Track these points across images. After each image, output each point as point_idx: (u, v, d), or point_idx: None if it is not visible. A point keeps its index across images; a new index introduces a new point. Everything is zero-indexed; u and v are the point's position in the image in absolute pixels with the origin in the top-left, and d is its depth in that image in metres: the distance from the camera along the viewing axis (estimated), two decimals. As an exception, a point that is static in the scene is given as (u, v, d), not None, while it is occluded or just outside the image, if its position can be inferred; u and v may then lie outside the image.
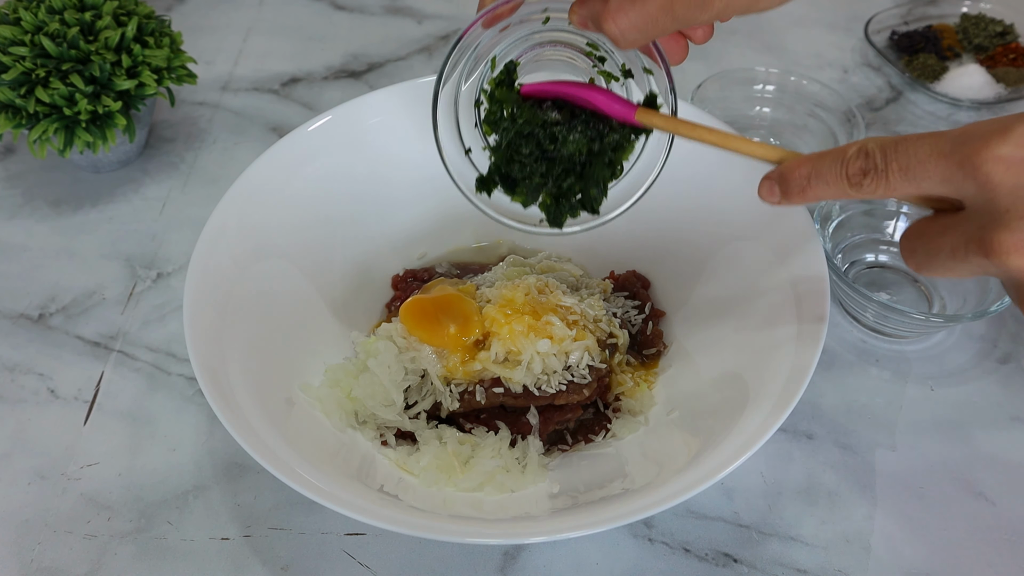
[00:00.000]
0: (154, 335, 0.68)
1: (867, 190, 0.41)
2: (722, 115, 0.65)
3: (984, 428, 0.61)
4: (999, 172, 0.37)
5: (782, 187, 0.44)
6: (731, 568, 0.54)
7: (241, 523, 0.56)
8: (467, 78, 0.52)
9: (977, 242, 0.38)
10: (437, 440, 0.56)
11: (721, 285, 0.62)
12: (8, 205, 0.78)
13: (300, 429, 0.54)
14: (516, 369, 0.55)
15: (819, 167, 0.43)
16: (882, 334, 0.66)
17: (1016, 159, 0.37)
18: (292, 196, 0.63)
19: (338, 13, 1.02)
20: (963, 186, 0.39)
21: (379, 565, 0.54)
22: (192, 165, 0.82)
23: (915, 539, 0.55)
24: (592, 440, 0.58)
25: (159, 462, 0.60)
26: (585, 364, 0.56)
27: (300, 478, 0.46)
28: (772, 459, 0.59)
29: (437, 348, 0.57)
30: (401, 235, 0.69)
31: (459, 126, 0.53)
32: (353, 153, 0.66)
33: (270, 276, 0.60)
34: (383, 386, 0.56)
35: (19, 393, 0.64)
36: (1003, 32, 0.94)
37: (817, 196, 0.43)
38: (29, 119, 0.70)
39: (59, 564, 0.55)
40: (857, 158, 0.41)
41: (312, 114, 0.87)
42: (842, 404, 0.63)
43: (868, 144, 0.41)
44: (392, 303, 0.66)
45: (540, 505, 0.52)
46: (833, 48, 0.96)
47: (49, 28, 0.69)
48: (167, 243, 0.75)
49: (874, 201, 0.69)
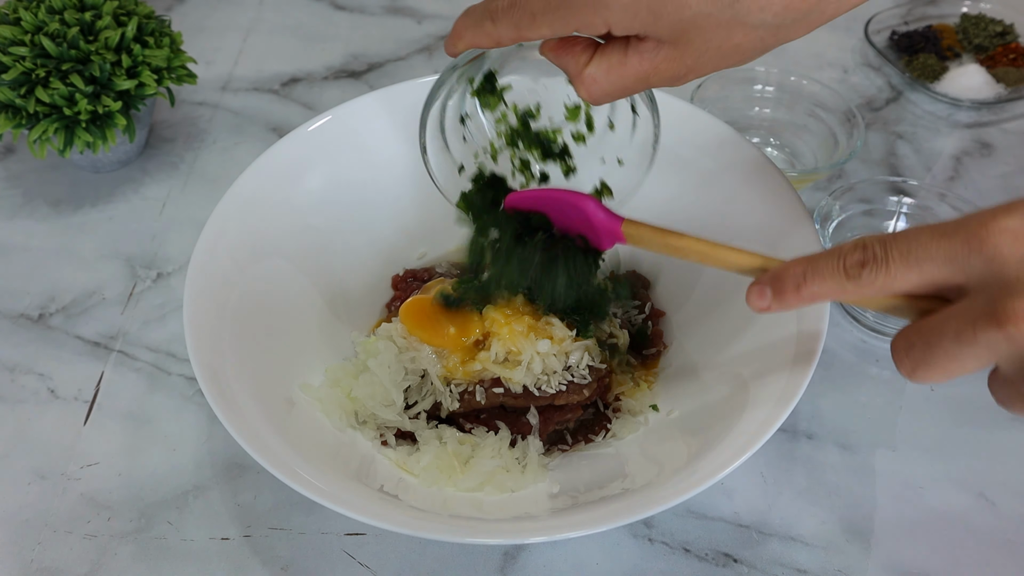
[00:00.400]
0: (154, 335, 0.68)
1: (866, 281, 0.40)
2: (722, 115, 0.65)
3: (984, 428, 0.61)
4: (1007, 243, 0.36)
5: (775, 288, 0.43)
6: (731, 568, 0.54)
7: (241, 523, 0.56)
8: (449, 98, 0.54)
9: (987, 316, 0.36)
10: (437, 440, 0.56)
11: (721, 285, 0.62)
12: (8, 205, 0.78)
13: (300, 429, 0.54)
14: (516, 369, 0.55)
15: (815, 264, 0.41)
16: (882, 334, 0.66)
17: (1023, 231, 0.36)
18: (292, 196, 0.63)
19: (338, 13, 1.02)
20: (969, 262, 0.37)
21: (379, 565, 0.54)
22: (192, 165, 0.82)
23: (915, 539, 0.55)
24: (592, 440, 0.58)
25: (159, 462, 0.60)
26: (585, 364, 0.56)
27: (300, 478, 0.46)
28: (772, 459, 0.59)
29: (437, 348, 0.57)
30: (401, 235, 0.69)
31: (447, 145, 0.55)
32: (353, 153, 0.66)
33: (270, 276, 0.60)
34: (383, 386, 0.56)
35: (19, 393, 0.64)
36: (1003, 32, 0.94)
37: (812, 295, 0.42)
38: (29, 119, 0.70)
39: (59, 564, 0.55)
40: (855, 251, 0.40)
41: (312, 114, 0.87)
42: (842, 404, 0.63)
43: (866, 238, 0.40)
44: (392, 303, 0.66)
45: (540, 505, 0.52)
46: (833, 48, 0.96)
47: (49, 28, 0.69)
48: (167, 243, 0.75)
49: (874, 201, 0.69)
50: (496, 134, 0.56)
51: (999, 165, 0.81)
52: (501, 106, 0.54)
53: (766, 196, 0.60)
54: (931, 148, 0.83)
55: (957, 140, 0.84)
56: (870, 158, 0.82)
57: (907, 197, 0.69)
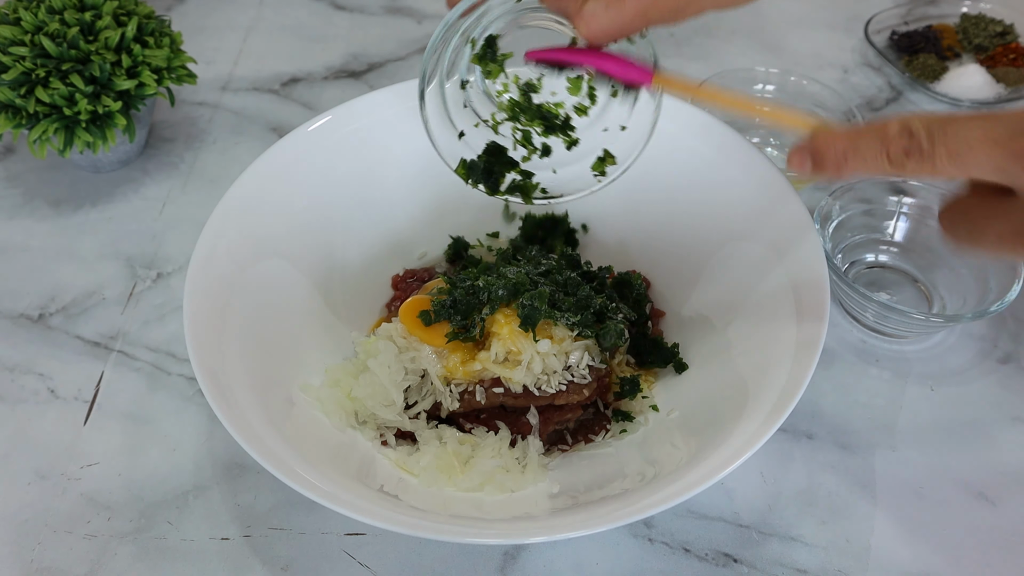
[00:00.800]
0: (154, 335, 0.68)
1: (910, 170, 0.39)
2: (722, 115, 0.65)
3: (984, 428, 0.61)
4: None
5: (816, 160, 0.42)
6: (731, 568, 0.54)
7: (241, 523, 0.56)
8: (452, 64, 0.53)
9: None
10: (437, 440, 0.56)
11: (721, 285, 0.62)
12: (8, 205, 0.78)
13: (300, 429, 0.54)
14: (516, 369, 0.55)
15: (857, 144, 0.41)
16: (882, 334, 0.66)
17: None
18: (292, 196, 0.63)
19: (338, 13, 1.02)
20: (1019, 177, 0.37)
21: (379, 565, 0.54)
22: (192, 165, 0.82)
23: (915, 539, 0.55)
24: (592, 440, 0.58)
25: (159, 462, 0.60)
26: (585, 364, 0.56)
27: (300, 478, 0.46)
28: (772, 459, 0.59)
29: (437, 348, 0.57)
30: (401, 235, 0.69)
31: (448, 112, 0.55)
32: (353, 153, 0.66)
33: (270, 276, 0.60)
34: (383, 386, 0.56)
35: (19, 393, 0.64)
36: (1003, 32, 0.94)
37: (853, 172, 0.41)
38: (29, 119, 0.70)
39: (59, 564, 0.55)
40: (900, 137, 0.39)
41: (312, 114, 0.87)
42: (842, 404, 0.63)
43: (912, 123, 0.39)
44: (392, 303, 0.66)
45: (540, 505, 0.52)
46: (833, 48, 0.96)
47: (49, 28, 0.69)
48: (167, 243, 0.75)
49: (874, 201, 0.69)
50: (498, 106, 0.56)
51: (999, 165, 0.81)
52: (503, 76, 0.54)
53: (766, 196, 0.60)
54: (931, 148, 0.83)
55: (957, 140, 0.84)
56: (870, 158, 0.82)
57: (907, 197, 0.69)
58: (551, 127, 0.55)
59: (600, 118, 0.55)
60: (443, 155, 0.56)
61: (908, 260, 0.70)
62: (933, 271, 0.69)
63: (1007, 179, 0.37)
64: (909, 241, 0.70)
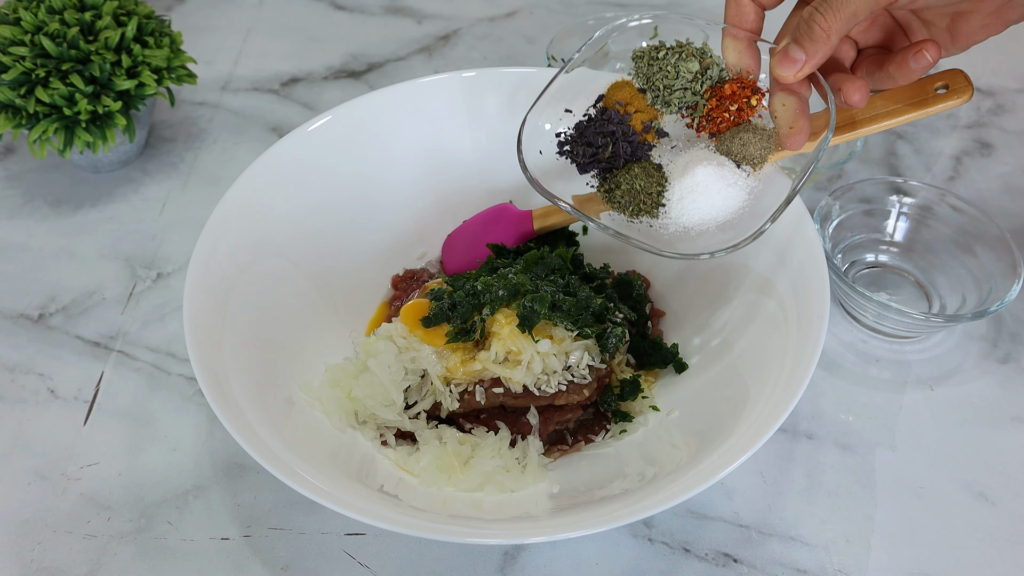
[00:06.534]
0: (154, 335, 0.68)
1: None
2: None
3: (984, 428, 0.61)
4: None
5: (807, 39, 0.47)
6: (731, 568, 0.54)
7: (241, 523, 0.56)
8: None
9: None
10: (437, 440, 0.56)
11: (721, 285, 0.62)
12: (8, 205, 0.78)
13: (300, 429, 0.54)
14: (516, 369, 0.55)
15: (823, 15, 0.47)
16: (882, 334, 0.66)
17: None
18: (292, 196, 0.63)
19: (338, 13, 1.02)
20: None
21: (379, 565, 0.54)
22: (192, 165, 0.82)
23: (915, 539, 0.55)
24: (592, 440, 0.58)
25: (159, 462, 0.60)
26: (585, 364, 0.56)
27: (300, 478, 0.46)
28: (772, 459, 0.59)
29: (437, 348, 0.57)
30: (401, 235, 0.69)
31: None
32: (353, 153, 0.66)
33: (270, 276, 0.60)
34: (383, 386, 0.56)
35: (19, 393, 0.64)
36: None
37: (843, 27, 0.47)
38: (29, 119, 0.70)
39: (59, 564, 0.55)
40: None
41: (312, 114, 0.87)
42: (842, 404, 0.63)
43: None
44: (392, 303, 0.66)
45: (540, 505, 0.52)
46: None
47: (49, 28, 0.69)
48: (167, 243, 0.75)
49: (874, 201, 0.69)
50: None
51: (999, 165, 0.81)
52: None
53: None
54: (931, 148, 0.83)
55: (957, 140, 0.84)
56: (870, 158, 0.82)
57: (907, 197, 0.69)
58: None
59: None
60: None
61: (908, 260, 0.70)
62: (933, 271, 0.69)
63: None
64: (909, 241, 0.70)
